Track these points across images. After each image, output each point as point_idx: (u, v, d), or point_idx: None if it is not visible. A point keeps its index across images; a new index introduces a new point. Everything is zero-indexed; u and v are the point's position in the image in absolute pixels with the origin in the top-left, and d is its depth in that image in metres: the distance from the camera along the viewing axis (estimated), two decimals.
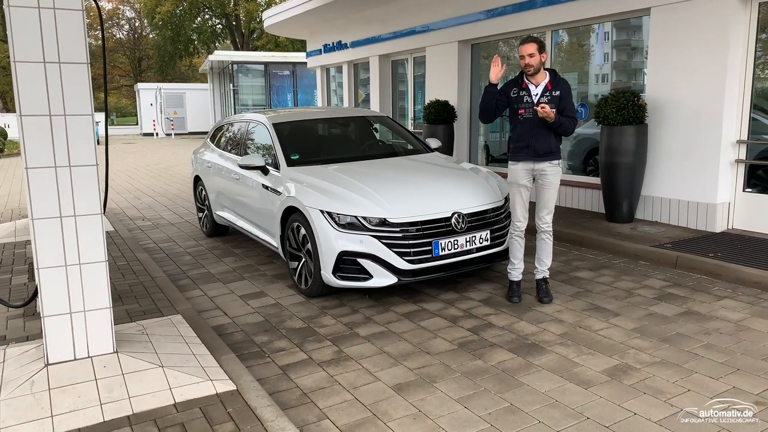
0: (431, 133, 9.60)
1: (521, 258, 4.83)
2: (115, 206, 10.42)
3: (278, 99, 28.83)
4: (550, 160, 4.58)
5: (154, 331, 3.99)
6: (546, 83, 4.55)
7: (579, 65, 8.40)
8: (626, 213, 6.85)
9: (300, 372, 3.70)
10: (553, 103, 4.48)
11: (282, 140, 5.83)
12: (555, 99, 4.51)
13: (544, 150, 4.55)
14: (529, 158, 4.59)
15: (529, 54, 4.44)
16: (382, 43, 11.87)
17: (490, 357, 3.80)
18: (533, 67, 4.46)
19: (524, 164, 4.63)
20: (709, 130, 6.24)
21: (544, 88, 4.53)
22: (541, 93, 4.53)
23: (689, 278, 5.17)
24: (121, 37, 59.86)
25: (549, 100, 4.49)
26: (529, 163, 4.61)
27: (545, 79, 4.56)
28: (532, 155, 4.57)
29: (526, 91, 4.56)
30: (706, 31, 6.18)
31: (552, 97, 4.51)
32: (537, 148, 4.55)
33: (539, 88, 4.54)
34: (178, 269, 6.14)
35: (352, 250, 4.60)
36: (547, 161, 4.58)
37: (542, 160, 4.58)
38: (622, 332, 4.10)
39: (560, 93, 4.53)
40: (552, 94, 4.52)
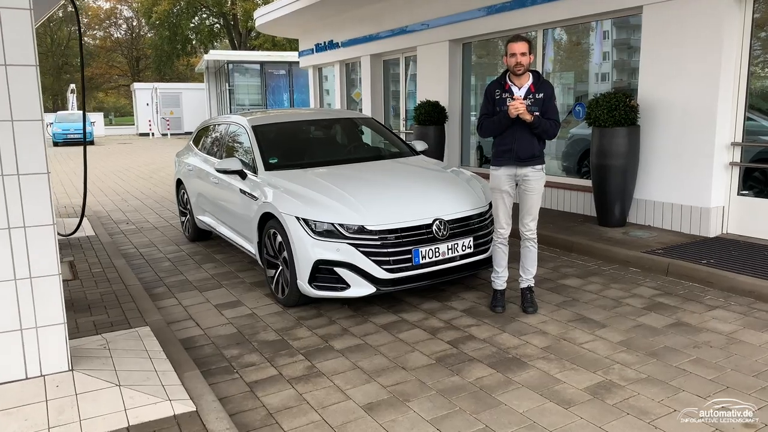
0: (422, 134, 9.41)
1: (505, 266, 4.65)
2: (100, 209, 10.24)
3: (274, 99, 28.64)
4: (533, 164, 4.42)
5: (117, 345, 3.80)
6: (529, 85, 4.38)
7: (579, 63, 8.20)
8: (618, 217, 6.66)
9: (268, 389, 3.52)
10: (536, 106, 4.33)
11: (261, 143, 5.65)
12: (538, 101, 4.34)
13: (526, 154, 4.38)
14: (512, 163, 4.42)
15: (521, 53, 4.27)
16: (374, 43, 11.68)
17: (468, 373, 3.61)
18: (524, 66, 4.31)
19: (506, 169, 4.45)
20: (703, 132, 6.06)
21: (527, 90, 4.36)
22: (524, 95, 4.36)
23: (681, 286, 4.98)
24: (118, 36, 59.71)
25: (532, 102, 4.33)
26: (511, 168, 4.44)
27: (529, 80, 4.40)
28: (515, 160, 4.40)
29: (509, 93, 4.40)
30: (700, 30, 6.00)
31: (535, 99, 4.34)
32: (519, 153, 4.38)
33: (522, 90, 4.38)
34: (155, 276, 5.96)
35: (329, 258, 4.42)
36: (530, 166, 4.42)
37: (525, 165, 4.41)
38: (607, 345, 3.91)
39: (543, 95, 4.36)
40: (535, 97, 4.35)
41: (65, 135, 28.77)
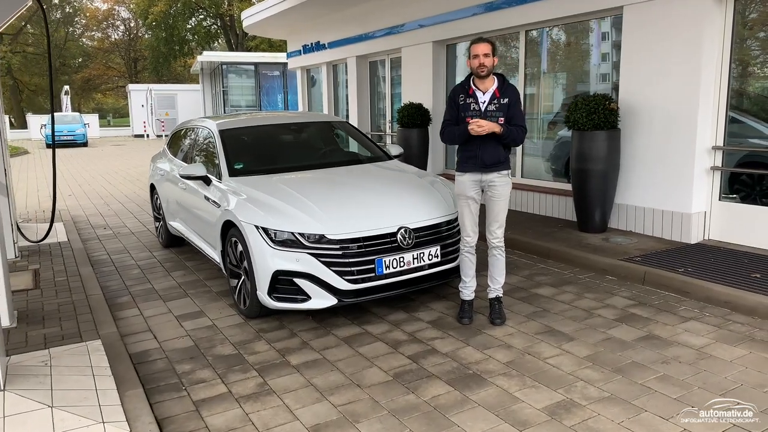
0: (405, 137, 9.26)
1: (473, 275, 4.49)
2: (81, 213, 10.10)
3: (268, 100, 28.50)
4: (498, 170, 4.26)
5: (60, 362, 3.65)
6: (494, 90, 4.22)
7: (566, 64, 8.04)
8: (599, 222, 6.50)
9: (214, 409, 3.36)
10: (501, 111, 4.16)
11: (227, 148, 5.50)
12: (503, 107, 4.17)
13: (491, 161, 4.22)
14: (476, 169, 4.27)
15: (485, 54, 4.10)
16: (360, 44, 11.52)
17: (424, 390, 3.45)
18: (487, 68, 4.13)
19: (471, 175, 4.30)
20: (683, 136, 5.89)
21: (492, 95, 4.20)
22: (489, 100, 4.20)
23: (656, 296, 4.82)
24: (116, 38, 59.57)
25: (497, 108, 4.16)
26: (476, 174, 4.28)
27: (494, 85, 4.23)
28: (480, 166, 4.25)
29: (473, 98, 4.24)
30: (680, 30, 5.83)
31: (500, 105, 4.18)
32: (484, 159, 4.22)
33: (487, 95, 4.21)
34: (121, 285, 5.80)
35: (288, 269, 4.26)
36: (496, 172, 4.26)
37: (490, 171, 4.25)
38: (573, 361, 3.75)
39: (509, 100, 4.19)
40: (500, 102, 4.18)
41: (58, 137, 28.62)
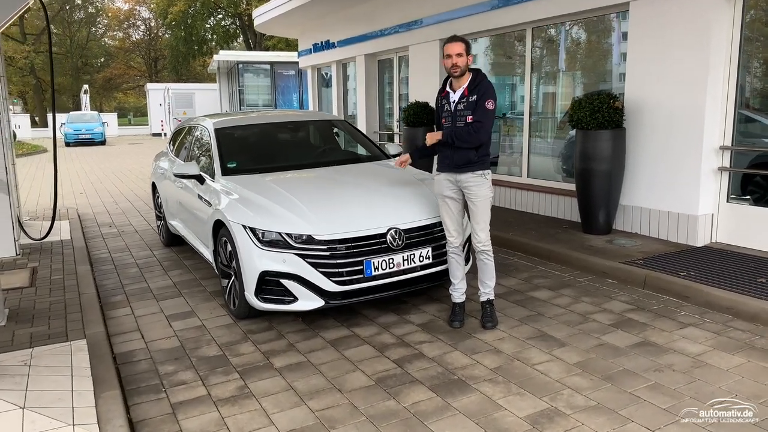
0: (411, 136, 9.15)
1: (461, 277, 4.41)
2: (89, 211, 10.16)
3: (283, 99, 28.55)
4: (471, 170, 4.18)
5: (41, 362, 3.63)
6: (464, 88, 4.16)
7: (584, 62, 7.86)
8: (603, 224, 6.34)
9: (190, 412, 3.30)
10: (468, 110, 4.12)
11: (222, 147, 5.45)
12: (471, 105, 4.11)
13: (462, 161, 4.19)
14: (450, 170, 4.27)
15: (457, 53, 4.06)
16: (368, 42, 11.44)
17: (405, 396, 3.36)
18: (460, 68, 4.10)
19: (446, 175, 4.32)
20: (690, 135, 5.72)
21: (461, 93, 4.17)
22: (458, 99, 4.18)
23: (656, 300, 4.67)
24: (136, 37, 60.22)
25: (465, 106, 4.13)
26: (450, 174, 4.28)
27: (466, 83, 4.18)
28: (452, 167, 4.24)
29: (446, 99, 4.27)
30: (687, 26, 5.66)
31: (468, 102, 4.12)
32: (455, 160, 4.21)
33: (457, 94, 4.20)
34: (118, 284, 5.79)
35: (275, 270, 4.19)
36: (469, 172, 4.19)
37: (463, 171, 4.21)
38: (562, 367, 3.63)
39: (476, 97, 4.11)
40: (468, 100, 4.13)
41: (77, 135, 28.99)
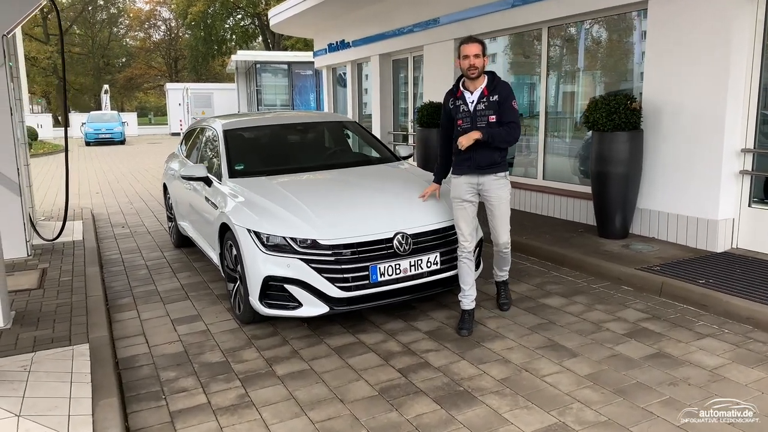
0: (424, 137, 9.05)
1: (472, 283, 4.31)
2: (104, 211, 10.20)
3: (301, 99, 28.57)
4: (494, 172, 4.16)
5: (41, 367, 3.59)
6: (482, 89, 4.12)
7: (602, 62, 7.69)
8: (620, 228, 6.17)
9: (189, 421, 3.24)
10: (490, 110, 4.08)
11: (230, 149, 5.39)
12: (493, 104, 4.08)
13: (486, 162, 4.14)
14: (471, 171, 4.18)
15: (475, 54, 4.02)
16: (382, 42, 11.34)
17: (409, 408, 3.26)
18: (478, 69, 4.05)
19: (467, 178, 4.22)
20: (710, 137, 5.53)
21: (480, 93, 4.11)
22: (477, 99, 4.12)
23: (673, 309, 4.51)
24: (157, 38, 60.78)
25: (486, 106, 4.08)
26: (472, 176, 4.20)
27: (483, 83, 4.13)
28: (475, 168, 4.16)
29: (461, 100, 4.18)
30: (707, 25, 5.47)
31: (489, 102, 4.09)
32: (479, 161, 4.14)
33: (475, 95, 4.14)
34: (126, 286, 5.76)
35: (279, 275, 4.12)
36: (492, 174, 4.16)
37: (485, 173, 4.16)
38: (572, 379, 3.50)
39: (498, 97, 4.08)
40: (489, 100, 4.09)
41: (96, 135, 29.29)
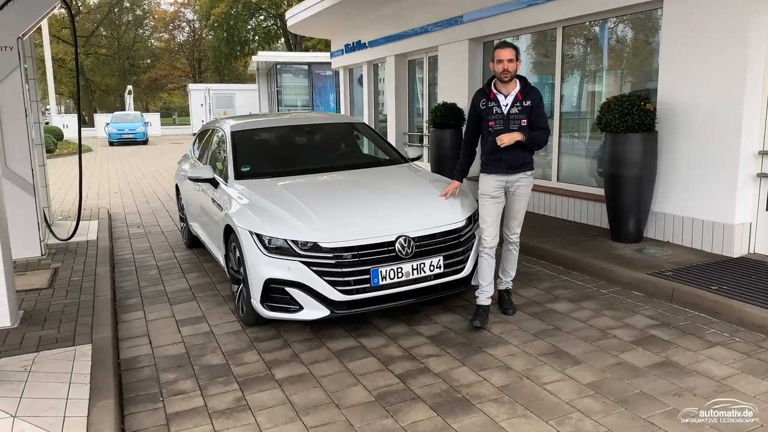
0: (438, 138, 8.99)
1: (491, 280, 4.38)
2: (120, 210, 10.32)
3: (321, 99, 28.67)
4: (524, 170, 4.28)
5: (42, 367, 3.61)
6: (516, 93, 4.19)
7: (618, 62, 7.57)
8: (633, 231, 6.04)
9: (184, 424, 3.23)
10: (523, 114, 4.15)
11: (237, 150, 5.40)
12: (526, 109, 4.15)
13: (517, 162, 4.24)
14: (502, 171, 4.26)
15: (509, 59, 4.09)
16: (397, 42, 11.30)
17: (404, 415, 3.21)
18: (511, 73, 4.12)
19: (496, 176, 4.29)
20: (726, 139, 5.39)
21: (515, 98, 4.18)
22: (511, 103, 4.18)
23: (683, 316, 4.39)
24: (181, 39, 61.48)
25: (519, 111, 4.15)
26: (501, 175, 4.28)
27: (516, 88, 4.21)
28: (506, 168, 4.24)
29: (494, 102, 4.22)
30: (723, 23, 5.33)
31: (522, 107, 4.16)
32: (510, 161, 4.23)
33: (509, 98, 4.19)
34: (135, 286, 5.80)
35: (279, 277, 4.10)
36: (521, 172, 4.27)
37: (516, 172, 4.26)
38: (574, 387, 3.42)
39: (531, 103, 4.16)
40: (522, 105, 4.16)
41: (120, 135, 29.72)
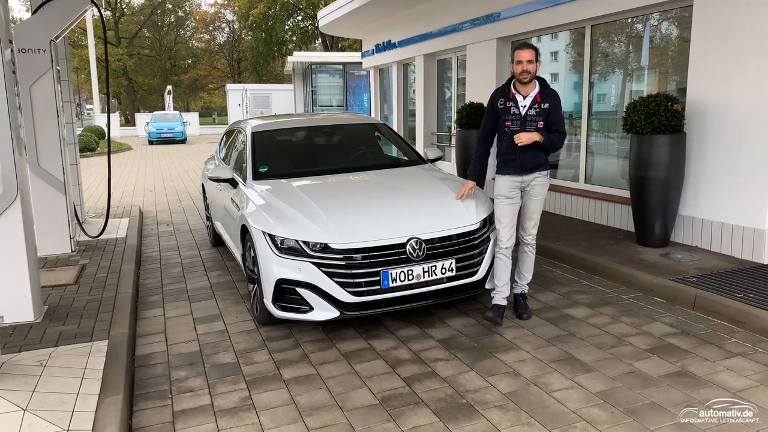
0: (464, 138, 8.91)
1: (506, 281, 4.36)
2: (152, 208, 10.54)
3: (354, 99, 28.78)
4: (539, 170, 4.25)
5: (57, 362, 3.70)
6: (535, 94, 4.17)
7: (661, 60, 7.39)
8: (659, 235, 5.87)
9: (189, 422, 3.27)
10: (541, 116, 4.12)
11: (256, 150, 5.45)
12: (543, 112, 4.13)
13: (532, 164, 4.21)
14: (517, 172, 4.24)
15: (528, 60, 4.06)
16: (426, 42, 11.25)
17: (406, 420, 3.18)
18: (530, 74, 4.10)
19: (511, 177, 4.27)
20: (758, 140, 5.19)
21: (533, 99, 4.15)
22: (530, 105, 4.16)
23: (704, 324, 4.24)
24: (220, 40, 62.52)
25: (537, 113, 4.12)
26: (516, 176, 4.25)
27: (535, 89, 4.18)
28: (520, 169, 4.22)
29: (513, 102, 4.20)
30: (757, 21, 5.13)
31: (540, 109, 4.13)
32: (525, 162, 4.21)
33: (527, 100, 4.17)
34: (158, 283, 5.91)
35: (290, 278, 4.12)
36: (536, 172, 4.24)
37: (531, 172, 4.23)
38: (582, 396, 3.34)
39: (549, 105, 4.14)
40: (540, 107, 4.13)
41: (159, 134, 30.41)
